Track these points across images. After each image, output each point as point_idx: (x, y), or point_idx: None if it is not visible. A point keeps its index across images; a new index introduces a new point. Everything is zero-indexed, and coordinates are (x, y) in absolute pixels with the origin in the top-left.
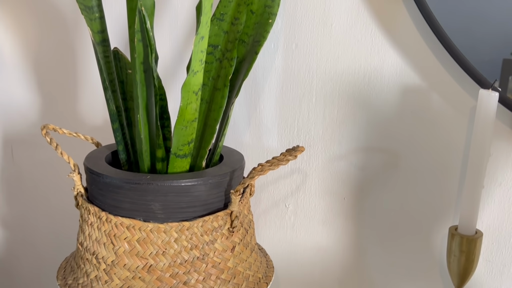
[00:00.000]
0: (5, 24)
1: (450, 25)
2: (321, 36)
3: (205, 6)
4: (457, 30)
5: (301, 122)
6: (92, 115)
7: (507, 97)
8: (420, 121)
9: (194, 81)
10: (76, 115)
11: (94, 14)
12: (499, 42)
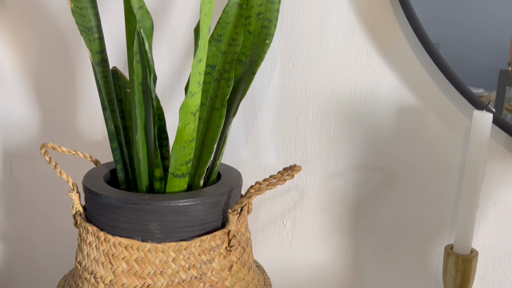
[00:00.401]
0: (5, 40)
1: (446, 36)
2: (317, 55)
3: (203, 30)
4: (453, 41)
5: (298, 139)
6: (91, 130)
7: (501, 118)
8: (416, 140)
9: (192, 102)
10: (75, 130)
11: (93, 35)
12: (496, 52)
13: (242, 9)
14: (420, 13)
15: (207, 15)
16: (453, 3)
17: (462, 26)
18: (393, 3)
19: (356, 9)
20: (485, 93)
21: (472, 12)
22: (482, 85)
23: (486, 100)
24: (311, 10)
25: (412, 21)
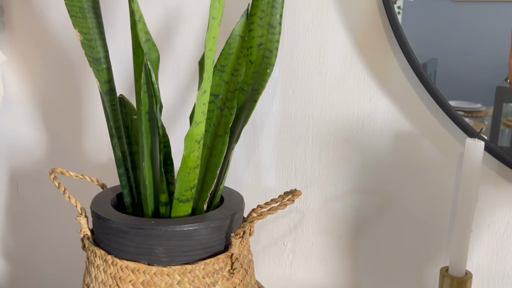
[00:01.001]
0: (13, 64)
1: (443, 51)
2: (316, 83)
3: (207, 64)
4: (451, 56)
5: (298, 163)
6: (97, 153)
7: (492, 145)
8: (412, 165)
9: (197, 131)
10: (81, 152)
11: (102, 66)
12: (494, 67)
13: (244, 41)
14: (417, 29)
15: (211, 50)
16: (451, 18)
17: (459, 41)
18: (388, 34)
19: (353, 39)
20: (483, 108)
21: (470, 27)
22: (480, 100)
23: (483, 115)
24: (310, 40)
25: (406, 51)
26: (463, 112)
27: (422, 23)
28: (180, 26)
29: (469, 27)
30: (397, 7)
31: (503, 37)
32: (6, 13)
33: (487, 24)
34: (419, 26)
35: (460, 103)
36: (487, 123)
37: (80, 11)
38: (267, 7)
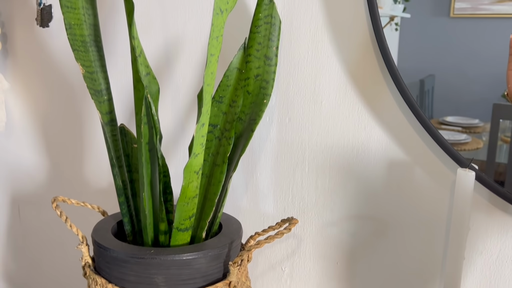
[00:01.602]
0: (16, 91)
1: (441, 67)
2: (312, 112)
3: (205, 98)
4: (448, 71)
5: (295, 189)
6: (97, 178)
7: (483, 175)
8: (405, 193)
9: (196, 162)
10: (82, 177)
11: (103, 97)
12: (491, 82)
13: (241, 73)
14: (415, 45)
15: (209, 85)
16: (448, 34)
17: (457, 57)
18: (381, 65)
19: (347, 70)
20: (481, 123)
21: (467, 43)
22: (478, 115)
23: (481, 131)
24: (306, 71)
25: (398, 83)
26: (461, 127)
27: (419, 39)
28: (179, 55)
29: (466, 43)
30: (395, 24)
31: (500, 52)
32: (9, 40)
33: (484, 39)
34: (416, 42)
35: (458, 119)
36: (485, 139)
37: (83, 44)
38: (263, 39)
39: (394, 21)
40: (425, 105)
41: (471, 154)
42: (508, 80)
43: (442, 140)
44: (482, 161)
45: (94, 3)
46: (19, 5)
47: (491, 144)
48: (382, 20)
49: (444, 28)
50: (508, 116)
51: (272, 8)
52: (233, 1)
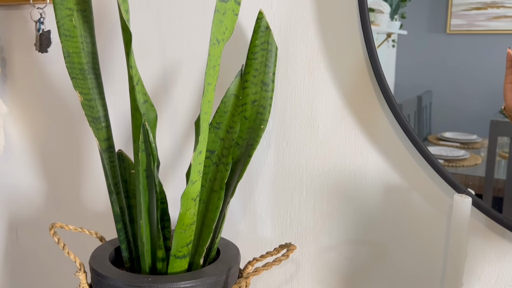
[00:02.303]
0: (14, 115)
1: (439, 82)
2: (309, 136)
3: (202, 126)
4: (445, 87)
5: (293, 214)
6: (95, 201)
7: (479, 200)
8: (403, 217)
9: (193, 190)
10: (80, 201)
11: (101, 124)
12: (489, 98)
13: (238, 99)
14: (412, 61)
15: (206, 113)
16: (445, 50)
17: (454, 73)
18: (376, 91)
19: (342, 95)
20: (479, 139)
21: (464, 59)
22: (476, 131)
23: (479, 147)
24: (302, 96)
25: (393, 108)
26: (459, 143)
27: (416, 55)
28: (177, 80)
29: (463, 59)
30: (392, 41)
31: (497, 68)
32: (8, 65)
33: (481, 55)
34: (413, 59)
35: (456, 135)
36: (483, 155)
37: (81, 72)
38: (260, 66)
39: (391, 38)
40: (423, 121)
41: (470, 170)
42: (506, 94)
43: (438, 165)
44: (481, 177)
45: (92, 31)
46: (19, 30)
47: (489, 161)
48: (379, 37)
49: (441, 45)
50: (506, 132)
51: (268, 35)
52: (229, 31)
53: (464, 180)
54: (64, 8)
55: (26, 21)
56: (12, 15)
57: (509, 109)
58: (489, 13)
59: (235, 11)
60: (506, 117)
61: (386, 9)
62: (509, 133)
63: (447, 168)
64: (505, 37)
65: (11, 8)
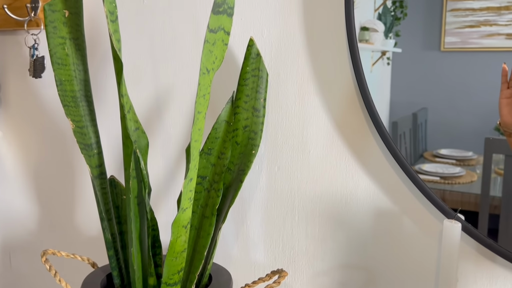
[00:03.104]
0: (8, 139)
1: (434, 100)
2: (300, 160)
3: (193, 153)
4: (441, 104)
5: (286, 238)
6: (88, 226)
7: (470, 225)
8: (394, 242)
9: (184, 217)
10: (72, 225)
11: (93, 151)
12: (484, 114)
13: (229, 125)
14: (407, 79)
15: (197, 141)
16: (439, 68)
17: (449, 90)
18: (366, 117)
19: (333, 121)
20: (474, 156)
21: (458, 76)
22: (471, 147)
23: (475, 164)
24: (293, 121)
25: (382, 134)
26: (455, 160)
27: (411, 73)
28: (170, 104)
29: (457, 76)
30: (387, 58)
31: (491, 84)
32: (2, 89)
33: (475, 72)
34: (408, 76)
35: (452, 151)
36: (479, 172)
37: (73, 100)
38: (251, 92)
39: (386, 55)
40: (418, 138)
41: (466, 188)
42: (501, 109)
43: (427, 190)
44: (477, 194)
45: (85, 59)
46: (13, 55)
47: (485, 178)
48: (374, 55)
49: (435, 62)
50: (500, 150)
51: (259, 62)
52: (219, 61)
53: (460, 197)
54: (57, 37)
55: (21, 47)
56: (7, 40)
57: (505, 124)
58: (482, 31)
59: (225, 41)
60: (501, 133)
61: (380, 27)
62: (503, 151)
63: (443, 185)
64: (498, 54)
65: (6, 33)
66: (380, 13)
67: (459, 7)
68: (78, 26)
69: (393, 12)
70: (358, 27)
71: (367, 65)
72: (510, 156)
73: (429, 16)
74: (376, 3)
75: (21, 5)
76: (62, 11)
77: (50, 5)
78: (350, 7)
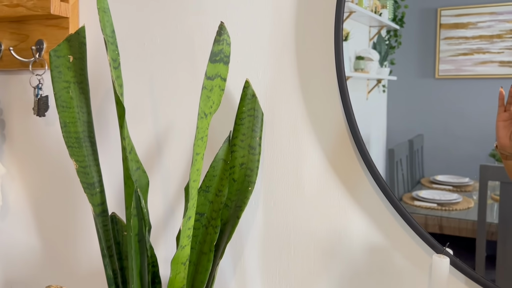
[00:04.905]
0: (11, 175)
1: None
2: (295, 197)
3: (191, 193)
4: (436, 130)
5: (282, 271)
6: (89, 260)
7: (458, 260)
8: (386, 276)
9: (183, 254)
10: (74, 260)
11: (95, 189)
12: (480, 139)
13: (226, 164)
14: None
15: (195, 181)
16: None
17: (444, 117)
18: (357, 154)
19: (326, 158)
20: (471, 182)
21: (453, 103)
22: (468, 173)
23: (471, 190)
24: (288, 158)
25: (373, 173)
26: (451, 186)
27: (406, 100)
28: (169, 143)
29: (452, 102)
30: (382, 86)
31: (485, 110)
32: (7, 127)
33: (469, 99)
34: (404, 103)
35: (448, 178)
36: (475, 198)
37: (77, 141)
38: (247, 130)
39: (381, 83)
40: (415, 165)
41: (463, 214)
42: (498, 132)
43: (417, 226)
44: (474, 221)
45: (88, 102)
46: (18, 94)
47: (481, 206)
48: (370, 83)
49: (430, 89)
50: (496, 176)
51: (254, 102)
52: (216, 105)
53: (457, 224)
54: (62, 81)
55: (25, 86)
56: (12, 80)
57: (501, 147)
58: (475, 59)
59: (221, 87)
60: (497, 159)
61: (375, 56)
62: (498, 178)
63: (440, 212)
64: (491, 81)
65: (12, 73)
66: (375, 42)
67: (452, 36)
68: (82, 71)
69: (388, 41)
70: (353, 56)
71: (363, 93)
72: (506, 183)
73: (423, 44)
74: (371, 33)
75: (27, 47)
76: (67, 57)
77: (56, 50)
78: (339, 50)
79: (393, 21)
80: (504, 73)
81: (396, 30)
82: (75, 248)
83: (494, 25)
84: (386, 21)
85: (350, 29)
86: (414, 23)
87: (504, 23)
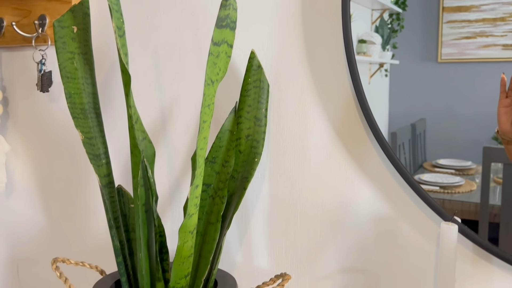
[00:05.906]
0: (16, 152)
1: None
2: (301, 168)
3: (198, 161)
4: (439, 114)
5: (288, 244)
6: (95, 235)
7: (466, 227)
8: (394, 246)
9: (190, 223)
10: (80, 235)
11: (101, 161)
12: (482, 123)
13: (232, 134)
14: (404, 90)
15: (202, 149)
16: (437, 79)
17: (446, 100)
18: (364, 125)
19: (332, 129)
20: (473, 165)
21: (456, 86)
22: (470, 157)
23: (474, 173)
24: (294, 130)
25: (380, 142)
26: (454, 170)
27: (409, 84)
28: (174, 115)
29: (454, 86)
30: (385, 70)
31: (488, 94)
32: (10, 104)
33: (472, 83)
34: (406, 87)
35: (451, 161)
36: (478, 181)
37: (82, 112)
38: (253, 102)
39: (383, 67)
40: (417, 149)
41: (465, 197)
42: (499, 117)
43: (425, 195)
44: (476, 203)
45: (93, 73)
46: (21, 71)
47: (484, 187)
48: (372, 67)
49: (433, 73)
50: (499, 158)
51: (260, 73)
52: (223, 72)
53: (460, 206)
54: (66, 52)
55: (28, 62)
56: (15, 56)
57: (503, 132)
58: (478, 42)
59: (228, 53)
60: (500, 142)
61: (377, 40)
62: (502, 159)
63: (442, 195)
64: (494, 64)
65: (14, 49)
66: (377, 25)
67: (455, 19)
68: (86, 41)
69: (390, 24)
70: (355, 39)
71: (365, 77)
72: (509, 165)
73: (426, 28)
74: (373, 16)
75: (29, 22)
76: (71, 27)
77: (59, 21)
78: (347, 20)
79: (396, 4)
80: (507, 56)
81: (398, 13)
82: (81, 223)
83: (497, 7)
84: (389, 4)
85: (352, 12)
86: (416, 6)
87: (507, 6)
